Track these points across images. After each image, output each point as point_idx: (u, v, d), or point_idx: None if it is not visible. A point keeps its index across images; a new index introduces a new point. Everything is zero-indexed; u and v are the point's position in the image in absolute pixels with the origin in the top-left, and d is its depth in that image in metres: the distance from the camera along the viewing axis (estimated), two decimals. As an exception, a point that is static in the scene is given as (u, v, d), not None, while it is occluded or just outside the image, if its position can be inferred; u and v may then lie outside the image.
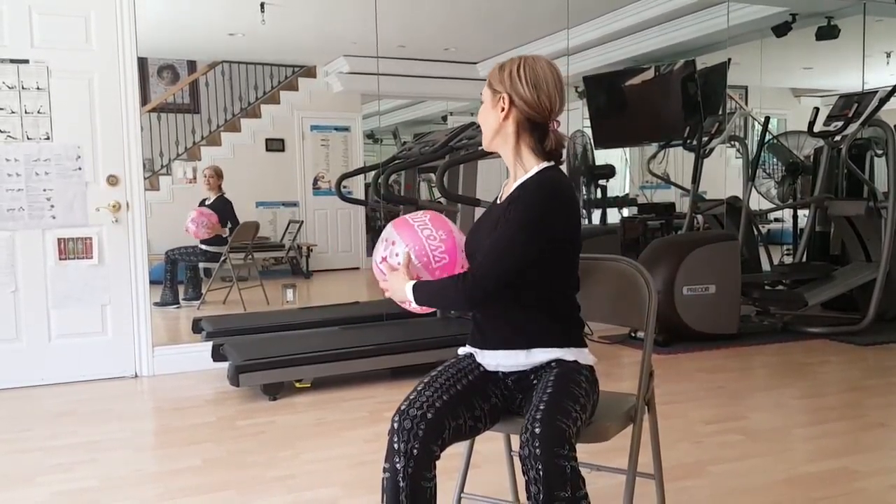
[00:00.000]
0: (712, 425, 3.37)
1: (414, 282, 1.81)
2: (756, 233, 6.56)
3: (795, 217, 7.24)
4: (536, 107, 1.84)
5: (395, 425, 1.69)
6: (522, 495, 2.43)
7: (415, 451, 1.65)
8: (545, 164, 1.89)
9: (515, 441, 2.27)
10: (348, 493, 2.66)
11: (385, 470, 1.69)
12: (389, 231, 1.89)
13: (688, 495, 2.60)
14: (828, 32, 6.51)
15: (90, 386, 4.21)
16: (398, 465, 1.65)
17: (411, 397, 1.75)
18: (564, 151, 1.95)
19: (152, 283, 4.53)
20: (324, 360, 3.98)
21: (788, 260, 7.03)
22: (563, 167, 2.00)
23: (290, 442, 3.22)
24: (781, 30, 6.49)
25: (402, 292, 1.82)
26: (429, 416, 1.69)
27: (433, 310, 1.91)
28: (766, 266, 6.66)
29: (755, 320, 5.57)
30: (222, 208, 6.48)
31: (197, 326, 4.78)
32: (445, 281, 1.81)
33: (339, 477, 2.81)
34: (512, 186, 1.91)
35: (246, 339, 4.32)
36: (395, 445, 1.67)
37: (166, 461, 3.06)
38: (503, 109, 1.86)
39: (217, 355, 4.25)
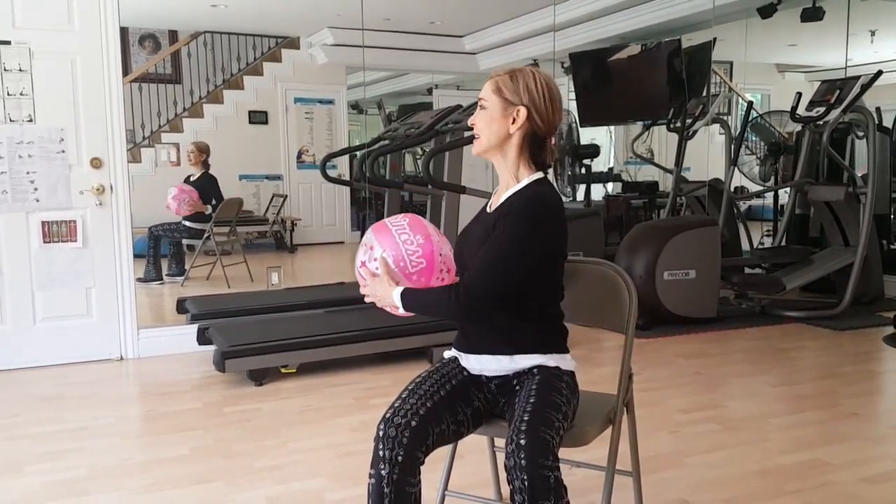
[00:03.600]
0: (689, 414, 3.45)
1: (402, 289, 1.80)
2: (736, 212, 6.63)
3: (776, 195, 7.32)
4: (548, 122, 1.89)
5: (381, 433, 1.72)
6: (505, 491, 2.51)
7: (399, 457, 1.69)
8: (536, 176, 1.92)
9: (499, 441, 2.34)
10: (335, 484, 2.72)
11: (371, 476, 1.72)
12: (368, 236, 1.88)
13: (665, 487, 2.67)
14: (813, 14, 6.52)
15: (76, 369, 4.23)
16: (383, 472, 1.69)
17: (395, 405, 1.78)
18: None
19: (135, 257, 4.52)
20: (309, 346, 4.01)
21: (768, 240, 7.13)
22: (550, 175, 2.03)
23: (276, 430, 3.27)
24: (767, 11, 6.50)
25: (389, 298, 1.81)
26: (413, 423, 1.73)
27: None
28: (745, 245, 6.75)
29: (734, 304, 5.67)
30: (206, 185, 6.45)
31: (181, 307, 4.79)
32: (438, 291, 1.82)
33: (325, 468, 2.86)
34: (503, 196, 1.93)
35: (231, 323, 4.35)
36: (381, 453, 1.70)
37: (154, 449, 3.10)
38: (514, 121, 1.87)
39: (202, 338, 4.29)
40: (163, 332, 4.58)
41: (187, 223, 6.35)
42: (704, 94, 6.80)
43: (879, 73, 5.30)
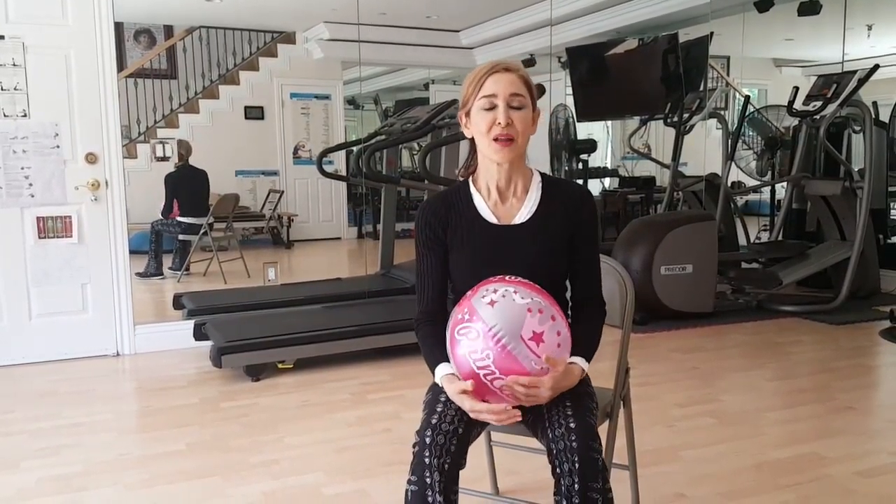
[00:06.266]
0: (686, 408, 3.45)
1: (579, 359, 1.77)
2: (733, 206, 6.64)
3: (773, 190, 7.32)
4: None
5: (428, 440, 1.64)
6: (501, 485, 2.52)
7: (446, 465, 1.62)
8: (535, 171, 1.92)
9: (496, 435, 2.34)
10: (332, 479, 2.71)
11: (411, 483, 1.63)
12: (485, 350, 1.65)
13: (661, 480, 2.68)
14: (809, 8, 6.51)
15: (72, 365, 4.23)
16: (428, 480, 1.61)
17: (439, 410, 1.71)
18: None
19: (130, 252, 4.50)
20: (306, 342, 4.01)
21: (765, 235, 7.14)
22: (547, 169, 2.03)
23: (273, 425, 3.26)
24: (763, 5, 6.49)
25: (574, 376, 1.74)
26: (460, 430, 1.67)
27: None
28: (742, 240, 6.76)
29: (731, 298, 5.67)
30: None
31: (178, 303, 4.79)
32: (595, 328, 1.87)
33: (322, 463, 2.86)
34: (529, 201, 1.86)
35: (228, 318, 4.35)
36: (427, 460, 1.62)
37: (150, 445, 3.09)
38: (534, 122, 1.83)
39: (199, 334, 4.28)
40: (159, 327, 4.57)
41: (182, 218, 6.35)
42: (701, 88, 6.80)
43: (876, 67, 5.30)
